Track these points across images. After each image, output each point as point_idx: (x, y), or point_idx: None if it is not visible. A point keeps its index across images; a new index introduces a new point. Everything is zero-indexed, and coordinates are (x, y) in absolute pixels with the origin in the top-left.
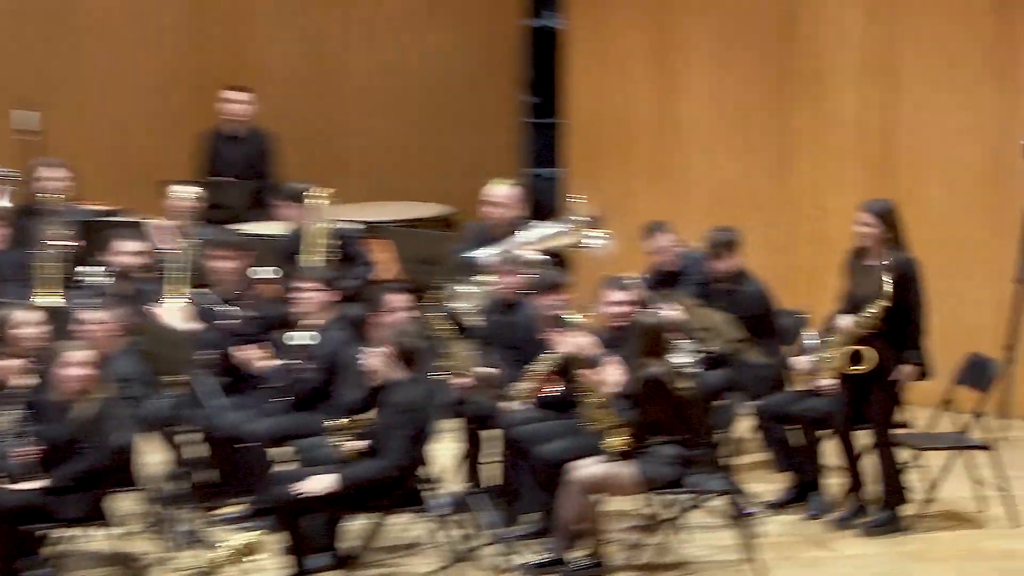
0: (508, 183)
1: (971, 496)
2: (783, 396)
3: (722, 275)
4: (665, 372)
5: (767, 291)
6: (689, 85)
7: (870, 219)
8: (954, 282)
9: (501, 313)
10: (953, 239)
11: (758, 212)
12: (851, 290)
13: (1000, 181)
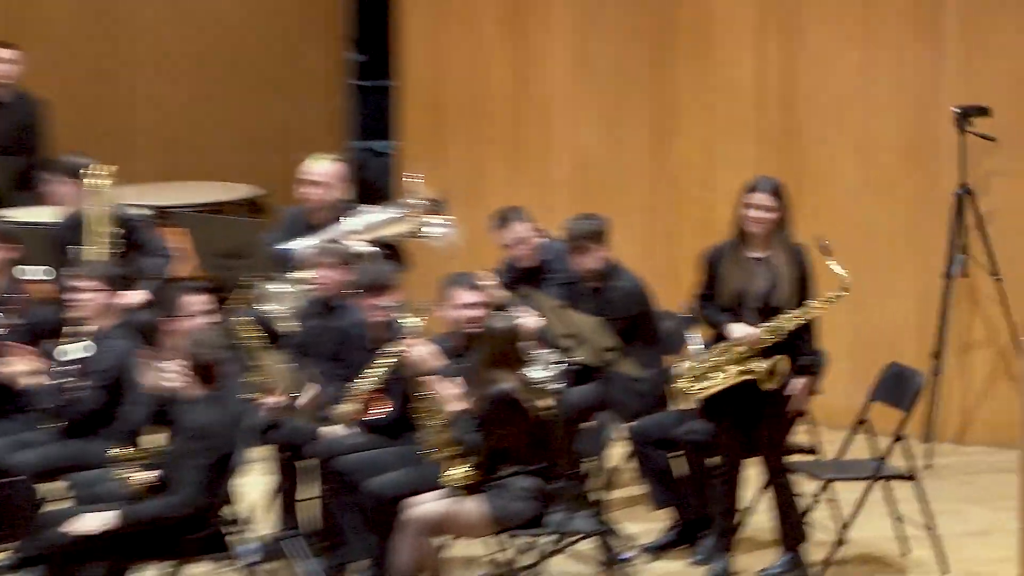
0: (330, 159)
1: (892, 536)
2: (664, 416)
3: (589, 271)
4: (521, 388)
5: (644, 289)
6: (550, 43)
7: (771, 201)
8: (870, 278)
9: (321, 317)
10: (869, 226)
11: (633, 195)
12: (735, 288)
13: (926, 156)
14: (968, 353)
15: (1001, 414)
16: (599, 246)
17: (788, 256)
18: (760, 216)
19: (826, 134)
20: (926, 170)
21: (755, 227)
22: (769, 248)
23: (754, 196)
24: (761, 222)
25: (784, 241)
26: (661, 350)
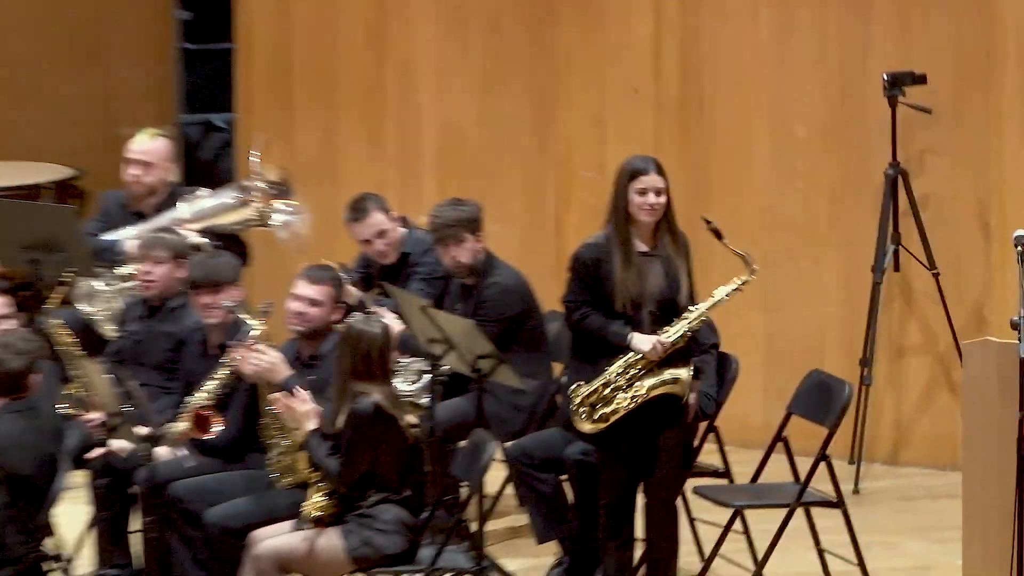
0: (157, 134)
1: (814, 572)
2: (550, 434)
3: (460, 266)
4: (384, 403)
5: (525, 286)
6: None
7: (663, 182)
8: (787, 272)
9: (150, 320)
10: (785, 212)
11: (512, 176)
12: (631, 292)
13: (851, 131)
14: (902, 360)
15: (941, 430)
16: (471, 236)
17: (679, 246)
18: (658, 202)
19: (735, 106)
20: (852, 147)
21: (650, 216)
22: (656, 239)
23: (647, 179)
24: (657, 210)
25: (673, 229)
26: (547, 356)
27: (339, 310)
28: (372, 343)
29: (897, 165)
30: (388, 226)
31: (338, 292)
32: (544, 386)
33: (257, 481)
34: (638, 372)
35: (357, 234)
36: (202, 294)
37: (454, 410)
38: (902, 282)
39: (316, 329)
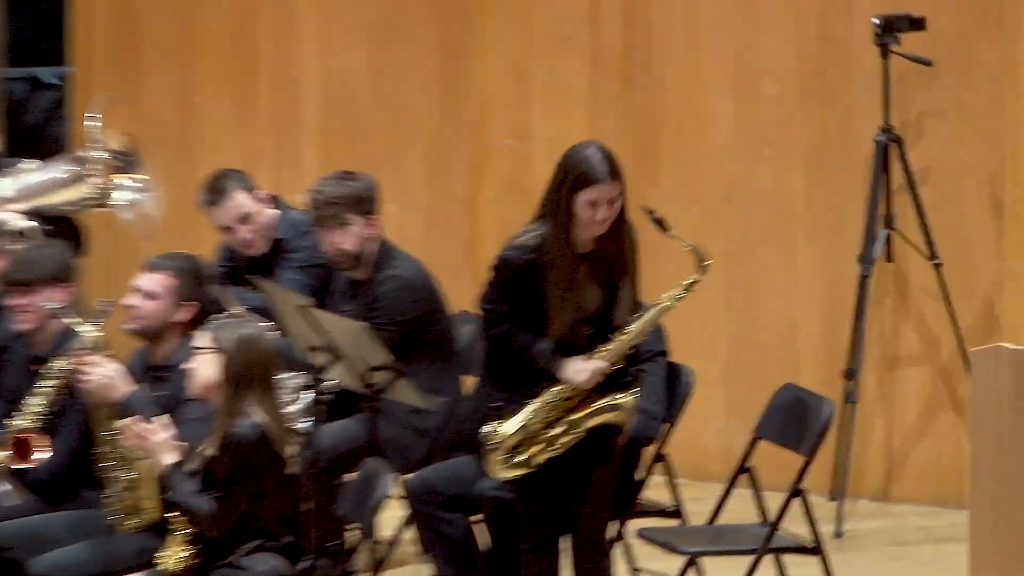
0: None
1: None
2: (459, 465)
3: (345, 255)
4: (270, 426)
5: (429, 281)
6: None
7: (617, 189)
8: (756, 263)
9: None
10: (751, 190)
11: (415, 143)
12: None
13: (833, 89)
14: (895, 371)
15: (943, 458)
16: (360, 219)
17: (626, 244)
18: (611, 215)
19: (689, 56)
20: (833, 108)
21: (600, 230)
22: (598, 240)
23: (600, 190)
24: (609, 221)
25: (619, 225)
26: (455, 368)
27: (187, 308)
28: (260, 350)
29: (890, 130)
30: (253, 209)
31: (184, 285)
32: (452, 405)
33: (94, 523)
34: (568, 404)
35: (215, 219)
36: (14, 294)
37: (341, 435)
38: (896, 275)
39: (152, 328)
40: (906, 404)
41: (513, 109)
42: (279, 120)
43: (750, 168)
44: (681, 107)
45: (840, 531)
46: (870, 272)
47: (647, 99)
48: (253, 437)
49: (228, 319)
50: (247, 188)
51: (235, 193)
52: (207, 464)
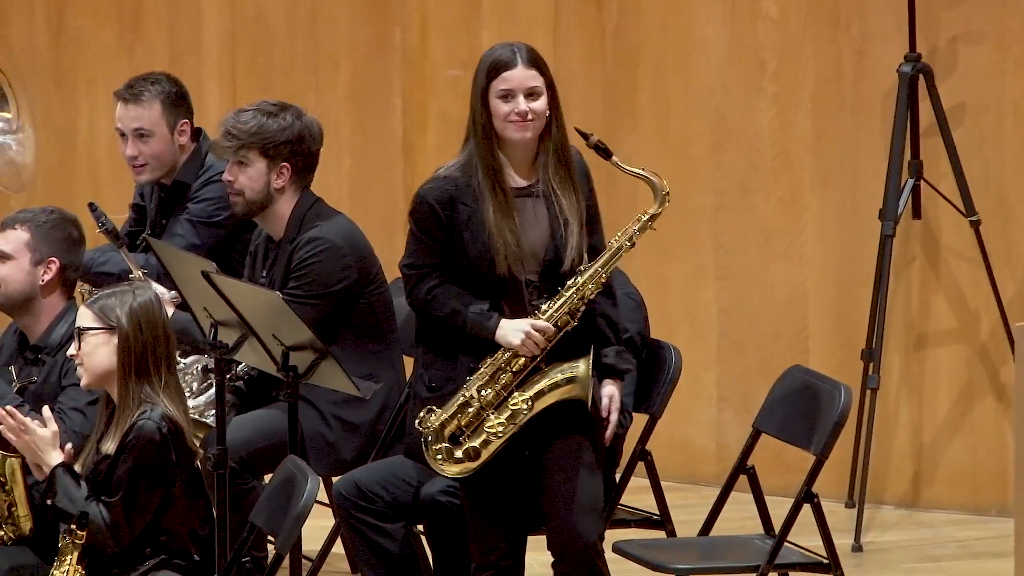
0: None
1: None
2: (396, 465)
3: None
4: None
5: (360, 244)
6: None
7: (539, 80)
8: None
9: None
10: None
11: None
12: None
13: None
14: (925, 351)
15: (981, 458)
16: (265, 162)
17: (571, 175)
18: (533, 110)
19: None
20: (847, 32)
21: (520, 132)
22: (535, 168)
23: (512, 76)
24: (533, 122)
25: (562, 151)
26: (394, 348)
27: (49, 265)
28: (158, 325)
29: (917, 59)
30: (159, 130)
31: (43, 239)
32: (389, 392)
33: None
34: (513, 377)
35: (117, 120)
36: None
37: (255, 428)
38: (925, 234)
39: (14, 298)
40: (938, 391)
41: (458, 32)
42: (172, 44)
43: (746, 105)
44: (662, 30)
45: (859, 544)
46: (893, 231)
47: (622, 20)
48: (161, 432)
49: (115, 289)
50: (175, 106)
51: (154, 101)
52: (99, 464)
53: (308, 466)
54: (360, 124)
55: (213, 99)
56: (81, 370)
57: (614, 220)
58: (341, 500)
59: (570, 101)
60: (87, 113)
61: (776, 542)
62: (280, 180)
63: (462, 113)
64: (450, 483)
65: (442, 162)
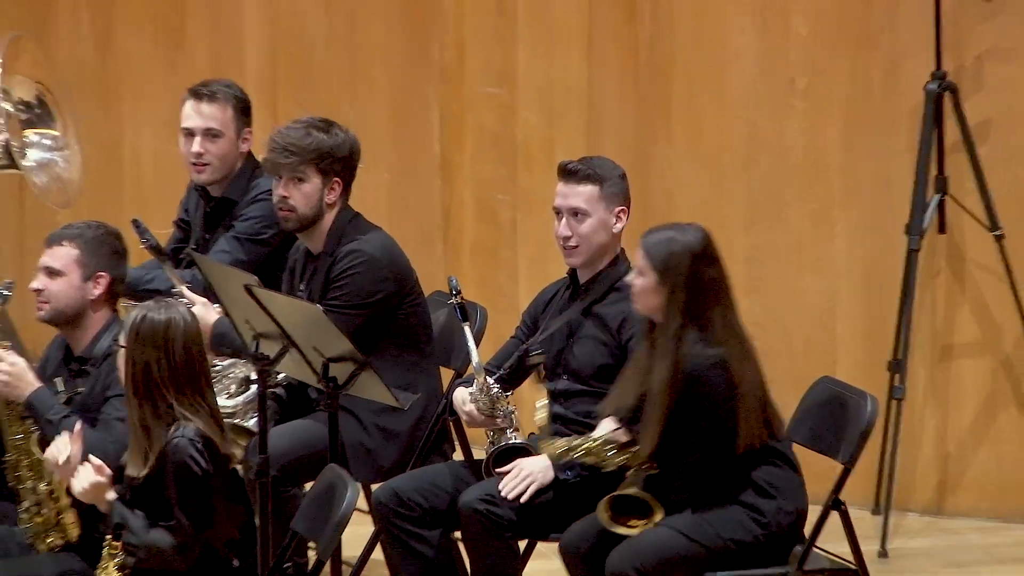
0: None
1: None
2: (435, 474)
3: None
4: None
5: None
6: None
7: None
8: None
9: None
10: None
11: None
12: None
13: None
14: (950, 363)
15: (1006, 466)
16: (320, 178)
17: None
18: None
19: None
20: (876, 50)
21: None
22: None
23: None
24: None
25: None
26: (431, 359)
27: (99, 280)
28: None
29: (943, 77)
30: (229, 132)
31: (92, 255)
32: (427, 402)
33: (8, 540)
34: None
35: (186, 115)
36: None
37: (296, 438)
38: (950, 248)
39: (65, 313)
40: (963, 401)
41: (494, 49)
42: (215, 62)
43: (777, 120)
44: (695, 48)
45: (885, 550)
46: (919, 245)
47: (654, 38)
48: (196, 448)
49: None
50: (243, 115)
51: (226, 103)
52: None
53: (348, 474)
54: (398, 140)
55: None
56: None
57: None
58: (380, 507)
59: (604, 115)
60: (131, 129)
61: (805, 548)
62: (332, 195)
63: (497, 128)
64: (487, 491)
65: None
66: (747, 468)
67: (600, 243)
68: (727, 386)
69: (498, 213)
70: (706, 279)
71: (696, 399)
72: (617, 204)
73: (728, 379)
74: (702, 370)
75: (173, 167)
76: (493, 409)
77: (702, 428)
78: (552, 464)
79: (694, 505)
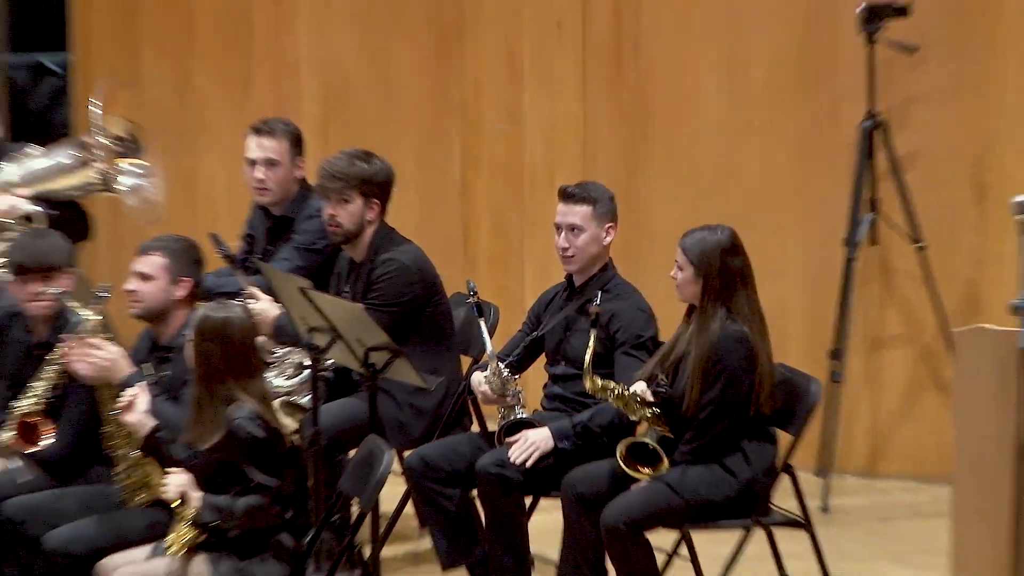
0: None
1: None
2: (457, 442)
3: (337, 228)
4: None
5: (426, 265)
6: None
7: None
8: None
9: None
10: (742, 173)
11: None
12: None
13: (819, 75)
14: (880, 352)
15: (925, 437)
16: (361, 200)
17: None
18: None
19: (678, 43)
20: (820, 94)
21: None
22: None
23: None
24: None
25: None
26: (452, 349)
27: (183, 285)
28: (237, 333)
29: (875, 116)
30: (284, 161)
31: (176, 262)
32: (449, 384)
33: (104, 499)
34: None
35: (249, 148)
36: (31, 281)
37: (342, 413)
38: (880, 258)
39: (154, 310)
40: (890, 384)
41: (505, 92)
42: (276, 104)
43: (739, 152)
44: (671, 91)
45: (827, 506)
46: (855, 255)
47: (638, 82)
48: (254, 424)
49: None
50: (295, 143)
51: (281, 137)
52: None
53: (385, 443)
54: (424, 168)
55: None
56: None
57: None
58: (411, 470)
59: (596, 147)
60: (207, 159)
61: (762, 505)
62: (371, 214)
63: (507, 159)
64: (499, 457)
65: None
66: (738, 437)
67: (593, 253)
68: (748, 358)
69: (508, 229)
70: (733, 269)
71: (721, 365)
72: (607, 221)
73: (749, 352)
74: (730, 343)
75: (239, 191)
76: (504, 389)
77: (721, 391)
78: (552, 435)
79: (688, 462)
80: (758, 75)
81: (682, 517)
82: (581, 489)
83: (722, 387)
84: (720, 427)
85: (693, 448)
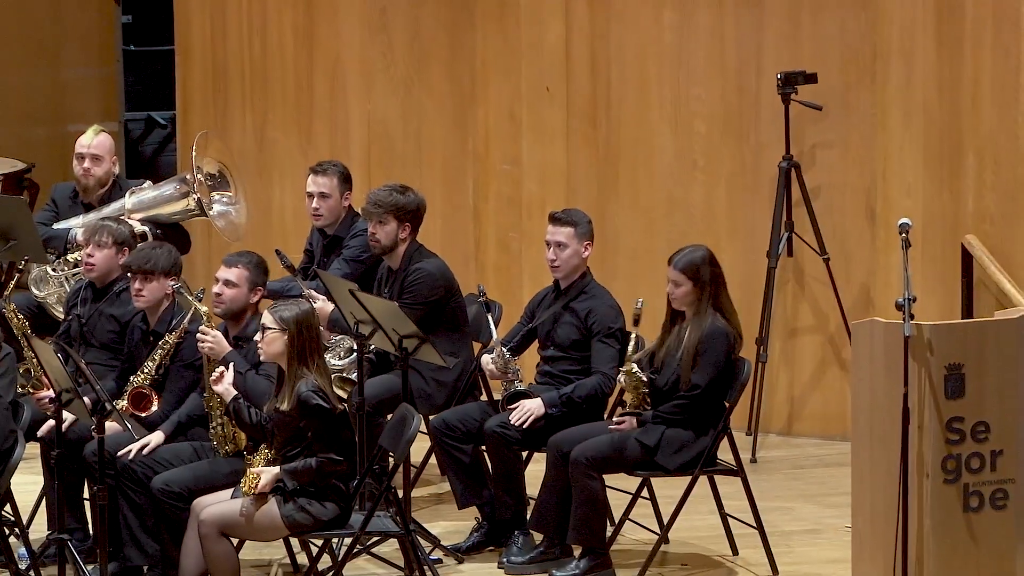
0: (100, 130)
1: (717, 535)
2: (469, 409)
3: (376, 244)
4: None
5: (447, 273)
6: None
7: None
8: None
9: (94, 303)
10: (689, 201)
11: (433, 168)
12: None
13: (748, 126)
14: (795, 339)
15: (831, 404)
16: (395, 222)
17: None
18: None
19: (640, 103)
20: (748, 141)
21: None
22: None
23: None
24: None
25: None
26: (467, 336)
27: (257, 291)
28: (312, 327)
29: (790, 158)
30: (335, 194)
31: (255, 274)
32: (465, 363)
33: (201, 450)
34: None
35: (308, 185)
36: (134, 280)
37: (381, 386)
38: (795, 267)
39: (234, 311)
40: (803, 363)
41: (508, 143)
42: (332, 150)
43: (685, 187)
44: (634, 141)
45: (755, 458)
46: (776, 264)
47: (608, 135)
48: (317, 395)
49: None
50: (344, 180)
51: (332, 176)
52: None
53: (414, 409)
54: (447, 198)
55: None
56: (260, 351)
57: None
58: (434, 430)
59: (577, 184)
60: (277, 193)
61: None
62: (404, 233)
63: (510, 192)
64: (502, 420)
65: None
66: (705, 410)
67: (574, 264)
68: (728, 349)
69: (509, 245)
70: (716, 275)
71: (707, 353)
72: (586, 239)
73: (730, 346)
74: (716, 335)
75: (302, 217)
76: (506, 368)
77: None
78: (543, 404)
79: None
80: (700, 128)
81: (635, 464)
82: (563, 447)
83: (711, 370)
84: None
85: (674, 414)
